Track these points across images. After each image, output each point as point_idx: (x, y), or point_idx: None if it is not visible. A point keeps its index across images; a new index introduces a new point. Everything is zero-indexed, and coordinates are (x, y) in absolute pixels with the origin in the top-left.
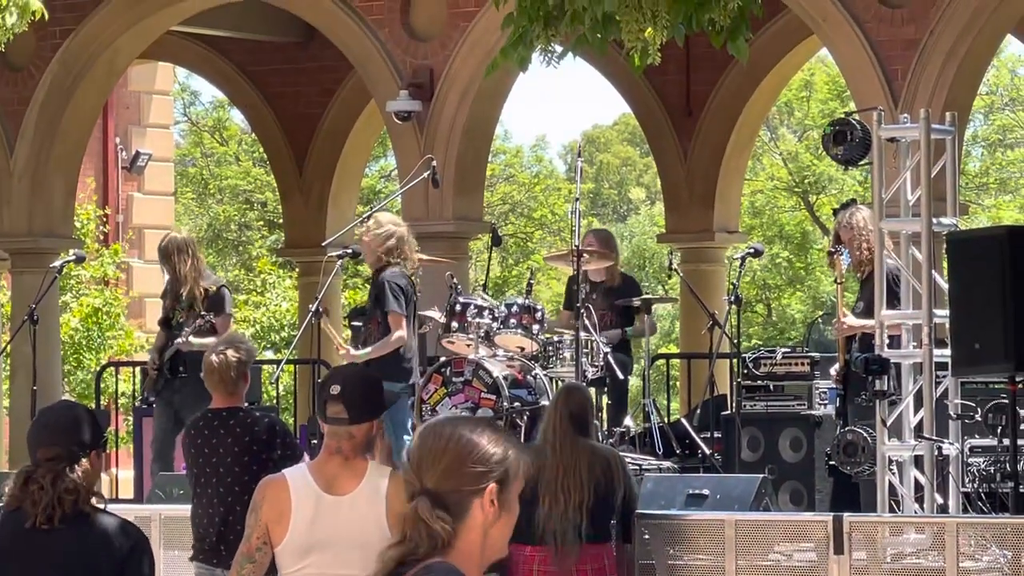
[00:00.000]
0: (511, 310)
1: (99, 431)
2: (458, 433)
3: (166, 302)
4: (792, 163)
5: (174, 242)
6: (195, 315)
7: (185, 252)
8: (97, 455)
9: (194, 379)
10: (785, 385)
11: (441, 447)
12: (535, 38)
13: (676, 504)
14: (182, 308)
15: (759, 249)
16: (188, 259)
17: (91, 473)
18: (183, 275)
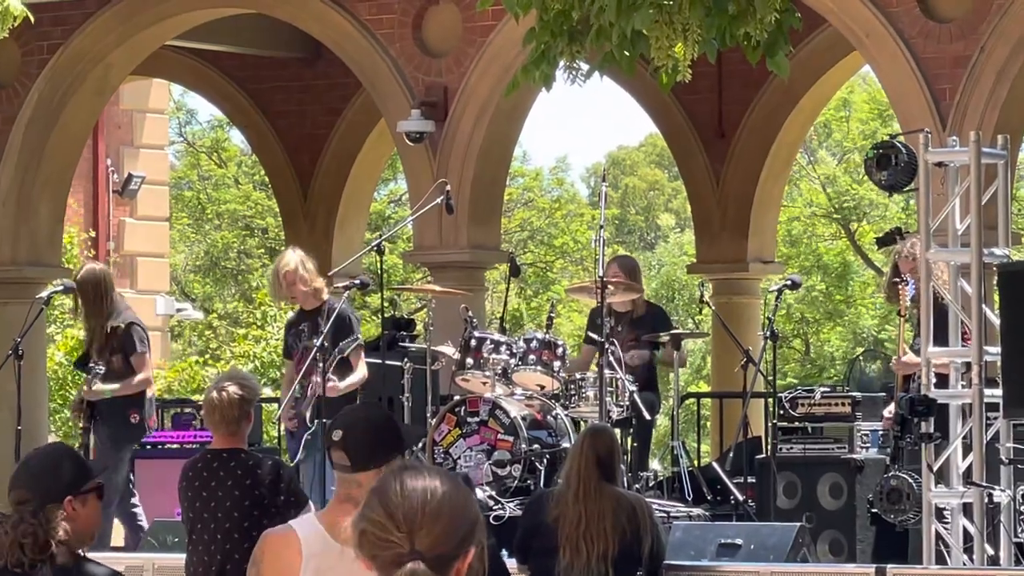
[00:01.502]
0: (530, 345)
1: (82, 475)
2: (450, 491)
3: (86, 338)
4: (831, 188)
5: (92, 274)
6: (105, 356)
7: (101, 286)
8: (82, 501)
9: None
10: (824, 427)
11: (436, 507)
12: (558, 54)
13: (707, 554)
14: (95, 349)
15: (796, 281)
16: (103, 295)
17: (70, 518)
18: (95, 312)
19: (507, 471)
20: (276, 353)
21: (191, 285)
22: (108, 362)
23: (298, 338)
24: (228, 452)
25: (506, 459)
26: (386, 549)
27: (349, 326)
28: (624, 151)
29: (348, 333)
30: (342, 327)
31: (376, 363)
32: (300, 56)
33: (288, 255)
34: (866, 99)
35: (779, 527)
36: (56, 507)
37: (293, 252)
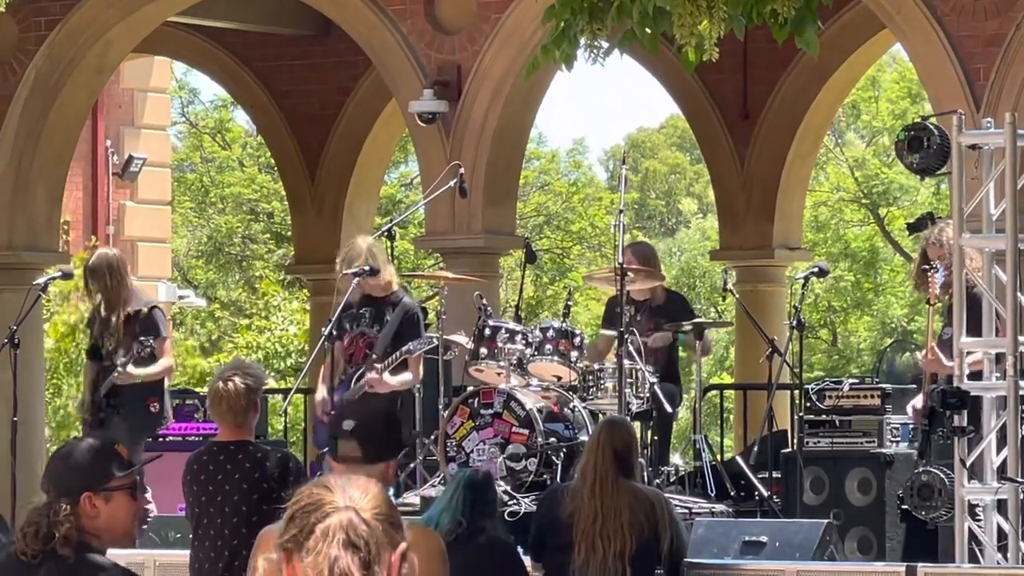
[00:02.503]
0: (546, 335)
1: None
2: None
3: (93, 329)
4: (859, 171)
5: (105, 259)
6: (127, 342)
7: (117, 272)
8: (104, 498)
9: (130, 414)
10: (853, 420)
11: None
12: (578, 32)
13: (731, 552)
14: (111, 335)
15: (824, 268)
16: (120, 279)
17: (87, 515)
18: (114, 298)
19: (522, 465)
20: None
21: (193, 271)
22: (130, 348)
23: (355, 321)
24: (235, 444)
25: (521, 453)
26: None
27: (417, 325)
28: (644, 133)
29: (416, 332)
30: (407, 324)
31: None
32: (308, 33)
33: (356, 244)
34: (895, 79)
35: (805, 524)
36: (69, 502)
37: (362, 240)
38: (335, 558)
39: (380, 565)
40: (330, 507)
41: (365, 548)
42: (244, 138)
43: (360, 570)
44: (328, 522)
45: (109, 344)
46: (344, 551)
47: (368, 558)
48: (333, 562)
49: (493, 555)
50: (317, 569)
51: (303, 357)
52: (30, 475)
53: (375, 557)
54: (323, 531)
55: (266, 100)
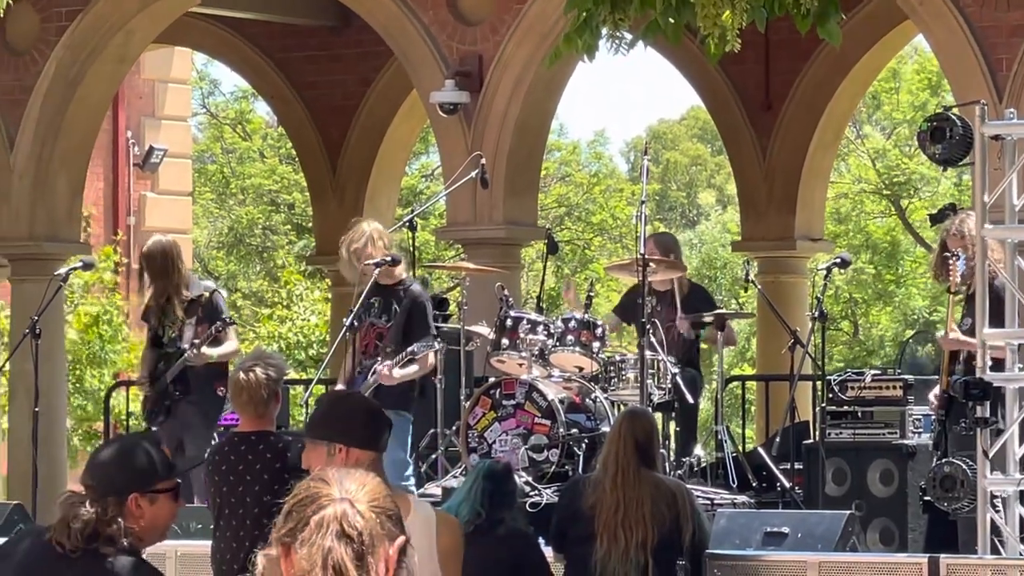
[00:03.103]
0: (568, 326)
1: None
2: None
3: (151, 319)
4: (880, 162)
5: (160, 246)
6: (191, 328)
7: (175, 258)
8: (150, 499)
9: (199, 399)
10: (875, 411)
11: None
12: (601, 23)
13: (752, 543)
14: (171, 322)
15: (846, 259)
16: (175, 265)
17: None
18: (174, 284)
19: (544, 456)
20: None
21: (214, 262)
22: (196, 333)
23: (367, 311)
24: (256, 435)
25: (543, 443)
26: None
27: (425, 315)
28: (665, 124)
29: (422, 321)
30: (416, 314)
31: None
32: (329, 24)
33: (361, 228)
34: (916, 69)
35: (827, 515)
36: (117, 501)
37: (367, 225)
38: (328, 549)
39: (375, 557)
40: (326, 499)
41: (359, 540)
42: (265, 129)
43: (353, 561)
44: (323, 513)
45: (171, 331)
46: (338, 542)
47: (362, 549)
48: (327, 553)
49: (512, 546)
50: (311, 560)
51: (324, 347)
52: (51, 465)
53: (369, 548)
54: (317, 522)
55: (287, 91)
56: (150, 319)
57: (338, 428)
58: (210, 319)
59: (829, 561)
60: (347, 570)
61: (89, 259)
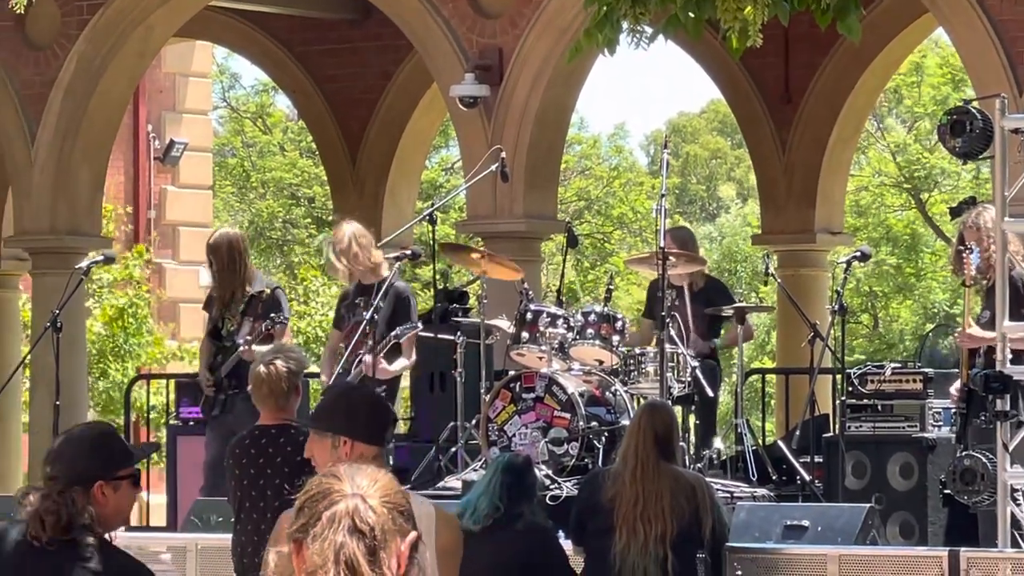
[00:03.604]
0: (588, 319)
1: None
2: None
3: (212, 311)
4: (901, 156)
5: (226, 238)
6: (250, 322)
7: (241, 251)
8: (114, 487)
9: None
10: (895, 404)
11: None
12: (621, 17)
13: (772, 536)
14: (231, 315)
15: (866, 252)
16: (240, 258)
17: (98, 503)
18: (239, 279)
19: (564, 449)
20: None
21: None
22: (252, 328)
23: (352, 311)
24: (277, 428)
25: (563, 437)
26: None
27: (407, 308)
28: (685, 118)
29: (406, 315)
30: (400, 308)
31: (428, 337)
32: (349, 17)
33: (342, 229)
34: (938, 63)
35: (847, 508)
36: (83, 490)
37: (348, 225)
38: (341, 544)
39: (387, 552)
40: (338, 495)
41: (371, 535)
42: (285, 123)
43: (366, 556)
44: (335, 509)
45: (230, 325)
46: (350, 537)
47: (374, 544)
48: (339, 548)
49: (531, 540)
50: (323, 555)
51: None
52: None
53: (381, 543)
54: (329, 518)
55: (307, 84)
56: (211, 310)
57: (343, 421)
58: (267, 316)
59: (849, 554)
60: (359, 565)
61: (110, 253)
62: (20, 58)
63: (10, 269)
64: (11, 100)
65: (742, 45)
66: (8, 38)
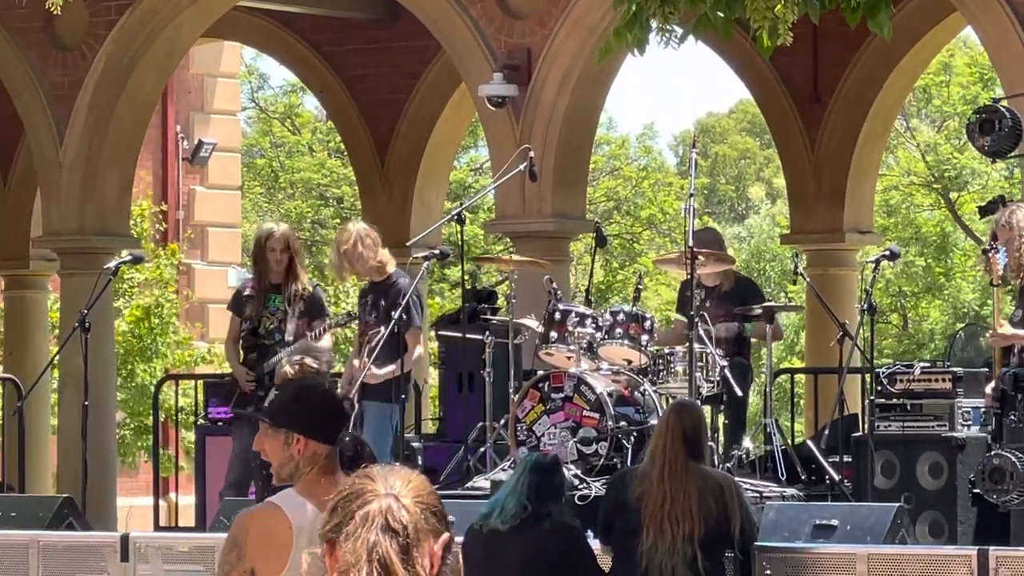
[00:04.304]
0: (616, 319)
1: None
2: None
3: (249, 308)
4: (930, 155)
5: (276, 232)
6: (295, 320)
7: (291, 246)
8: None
9: None
10: (924, 404)
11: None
12: (650, 16)
13: (801, 536)
14: (271, 313)
15: (895, 251)
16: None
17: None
18: (294, 273)
19: (593, 449)
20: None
21: None
22: (298, 327)
23: (363, 309)
24: None
25: (592, 436)
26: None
27: (408, 310)
28: (714, 118)
29: (405, 311)
30: (396, 306)
31: (457, 337)
32: (377, 17)
33: (348, 230)
34: (967, 63)
35: (876, 508)
36: None
37: (353, 226)
38: (374, 543)
39: (420, 551)
40: (371, 495)
41: (404, 533)
42: (314, 123)
43: (399, 555)
44: (368, 508)
45: (269, 323)
46: (383, 535)
47: (407, 543)
48: (372, 547)
49: (559, 540)
50: (356, 554)
51: None
52: (101, 459)
53: (414, 542)
54: (362, 517)
55: (336, 85)
56: (243, 308)
57: (300, 418)
58: (312, 314)
59: (878, 554)
60: (392, 563)
61: (138, 253)
62: (48, 59)
63: (39, 269)
64: (40, 101)
65: (773, 43)
66: (37, 39)
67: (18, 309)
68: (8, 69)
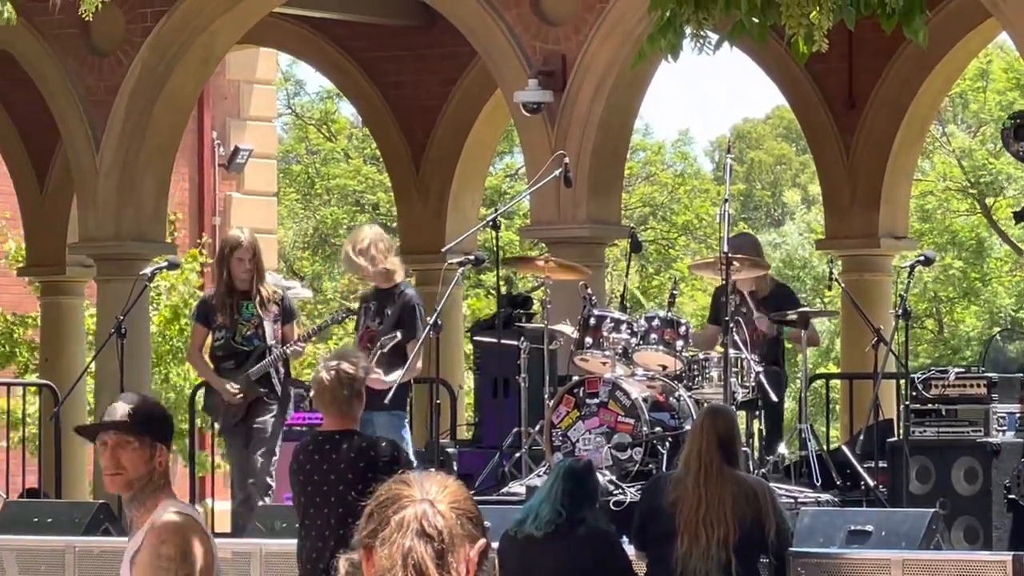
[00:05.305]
0: (652, 324)
1: None
2: None
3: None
4: (966, 161)
5: (244, 241)
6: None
7: (257, 252)
8: None
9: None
10: (959, 409)
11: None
12: (684, 22)
13: (836, 541)
14: (246, 319)
15: (930, 256)
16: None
17: None
18: (261, 277)
19: (628, 455)
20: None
21: (299, 263)
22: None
23: (366, 315)
24: (340, 434)
25: (627, 442)
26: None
27: (412, 318)
28: (750, 124)
29: (410, 325)
30: (405, 317)
31: (492, 342)
32: (413, 24)
33: (363, 231)
34: (1003, 68)
35: (911, 513)
36: None
37: (369, 228)
38: (409, 548)
39: (456, 557)
40: (407, 500)
41: (439, 539)
42: (350, 129)
43: (434, 560)
44: (403, 513)
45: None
46: (418, 541)
47: (442, 548)
48: (407, 552)
49: (593, 546)
50: (391, 559)
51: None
52: None
53: (450, 548)
54: (398, 522)
55: (371, 91)
56: (213, 316)
57: (160, 429)
58: (285, 318)
59: (913, 559)
60: (427, 569)
61: (174, 259)
62: (85, 65)
63: (75, 276)
64: (76, 107)
65: (808, 50)
66: (73, 45)
67: (54, 315)
68: (45, 75)
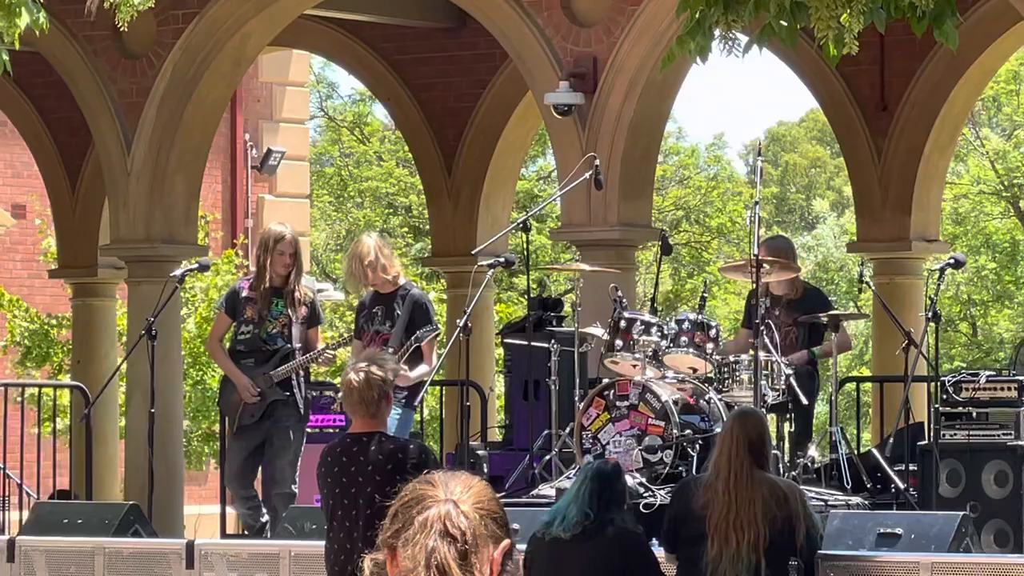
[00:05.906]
0: (682, 327)
1: None
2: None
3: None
4: (1000, 164)
5: (287, 236)
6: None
7: (297, 250)
8: None
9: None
10: (990, 412)
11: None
12: (713, 24)
13: (866, 544)
14: (275, 317)
15: (960, 259)
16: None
17: None
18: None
19: (658, 457)
20: None
21: (332, 265)
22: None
23: (370, 320)
24: (368, 436)
25: (657, 445)
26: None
27: (425, 313)
28: (784, 127)
29: (425, 321)
30: (417, 314)
31: (523, 345)
32: (444, 26)
33: (364, 242)
34: None
35: (941, 516)
36: None
37: (368, 238)
38: (432, 548)
39: (479, 558)
40: (431, 500)
41: (462, 539)
42: (383, 132)
43: (457, 560)
44: (427, 514)
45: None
46: (441, 541)
47: (465, 549)
48: (430, 552)
49: (621, 547)
50: (415, 560)
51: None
52: (168, 466)
53: (473, 548)
54: (421, 523)
55: (404, 94)
56: (241, 309)
57: None
58: (311, 322)
59: (942, 562)
60: (450, 569)
61: (205, 260)
62: (116, 67)
63: (106, 277)
64: (108, 109)
65: (839, 53)
66: (105, 47)
67: (86, 317)
68: (76, 77)
